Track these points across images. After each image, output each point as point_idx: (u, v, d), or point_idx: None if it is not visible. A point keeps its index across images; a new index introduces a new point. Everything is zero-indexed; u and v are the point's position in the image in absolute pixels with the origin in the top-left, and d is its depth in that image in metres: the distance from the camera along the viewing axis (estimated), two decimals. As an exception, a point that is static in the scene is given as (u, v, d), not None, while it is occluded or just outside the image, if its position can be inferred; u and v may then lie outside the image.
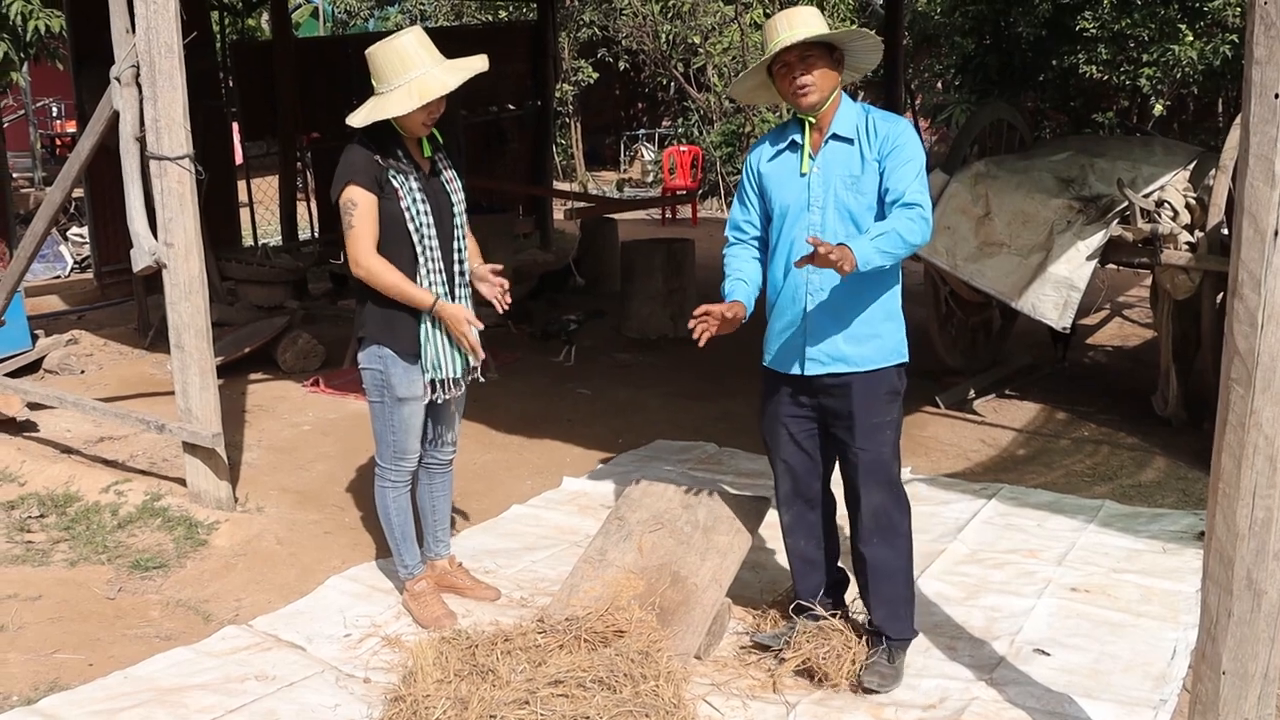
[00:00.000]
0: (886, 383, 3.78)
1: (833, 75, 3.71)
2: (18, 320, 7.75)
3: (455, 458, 4.59)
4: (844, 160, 3.70)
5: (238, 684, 3.91)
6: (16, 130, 17.14)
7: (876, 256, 3.47)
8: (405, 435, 4.24)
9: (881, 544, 3.82)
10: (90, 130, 5.64)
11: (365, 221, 4.00)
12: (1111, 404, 7.23)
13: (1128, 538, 5.11)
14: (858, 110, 3.76)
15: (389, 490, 4.34)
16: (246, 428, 6.77)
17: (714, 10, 17.93)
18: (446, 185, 4.20)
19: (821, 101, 3.70)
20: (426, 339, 4.12)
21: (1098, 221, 6.46)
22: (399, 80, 3.93)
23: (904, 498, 3.86)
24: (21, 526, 5.31)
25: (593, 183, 19.10)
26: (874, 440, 3.76)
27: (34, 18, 13.58)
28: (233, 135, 11.99)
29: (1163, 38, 12.61)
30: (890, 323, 3.77)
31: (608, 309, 9.38)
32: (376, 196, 4.01)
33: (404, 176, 4.04)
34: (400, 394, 4.16)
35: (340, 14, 23.14)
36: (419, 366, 4.14)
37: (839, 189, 3.70)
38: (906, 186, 3.58)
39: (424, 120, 4.01)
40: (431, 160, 4.17)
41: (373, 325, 4.15)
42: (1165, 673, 3.95)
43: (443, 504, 4.60)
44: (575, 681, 3.53)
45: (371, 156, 4.00)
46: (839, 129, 3.72)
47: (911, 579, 3.92)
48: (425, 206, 4.07)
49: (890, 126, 3.69)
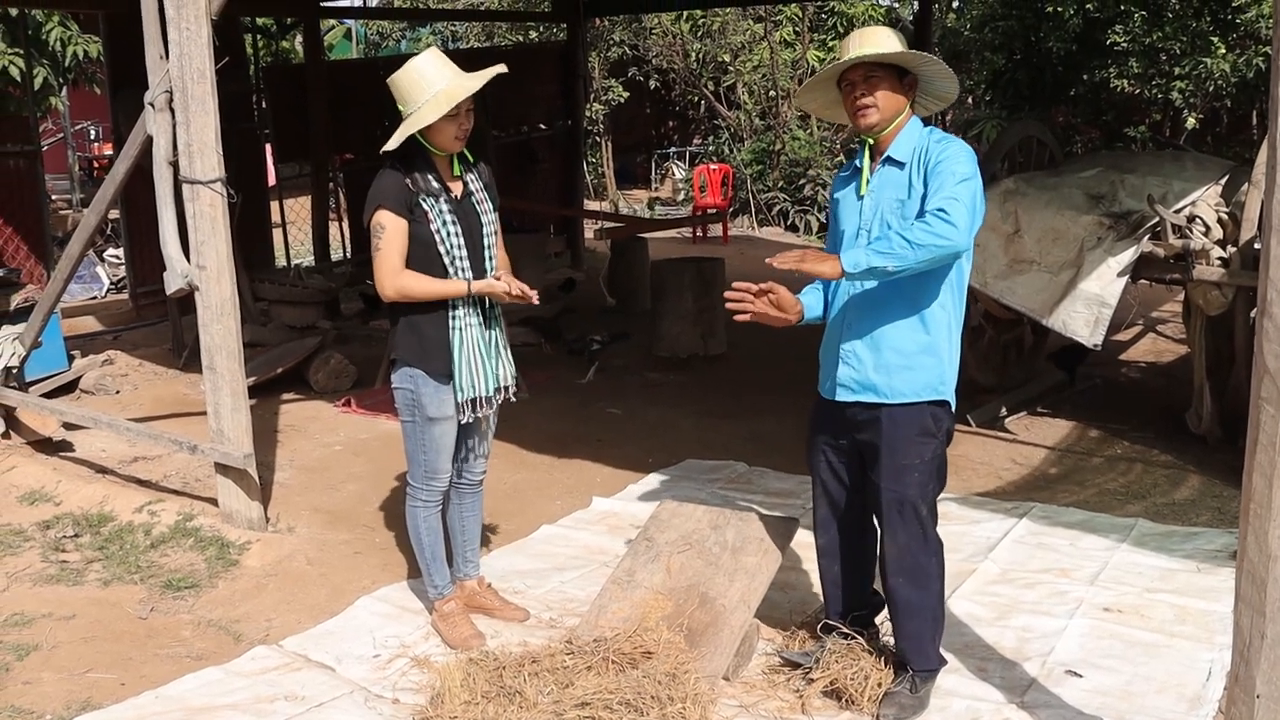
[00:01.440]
0: (917, 422, 3.66)
1: (898, 99, 3.63)
2: (54, 341, 7.82)
3: (485, 477, 4.61)
4: (894, 184, 3.65)
5: (267, 704, 3.93)
6: (55, 153, 17.34)
7: (866, 259, 3.39)
8: (436, 455, 4.26)
9: (907, 584, 3.76)
10: (125, 154, 5.71)
11: (392, 245, 4.05)
12: (1145, 421, 7.17)
13: (1162, 557, 5.06)
14: (921, 135, 3.67)
15: (420, 510, 4.35)
16: (278, 448, 6.81)
17: (743, 28, 17.95)
18: (477, 205, 4.22)
19: (882, 124, 3.64)
20: (458, 359, 4.14)
21: (1128, 238, 6.42)
22: (424, 96, 3.98)
23: (933, 539, 3.77)
24: (57, 546, 5.37)
25: (624, 201, 19.13)
26: (899, 481, 3.68)
27: (73, 43, 13.82)
28: (266, 157, 12.09)
29: (1194, 50, 12.52)
30: (928, 357, 3.65)
31: (636, 329, 9.39)
32: (406, 220, 4.05)
33: (434, 199, 4.07)
34: (431, 414, 4.18)
35: (373, 36, 23.32)
36: (450, 387, 4.16)
37: (886, 213, 3.64)
38: (940, 195, 3.46)
39: (455, 134, 4.05)
40: (463, 181, 4.20)
41: (404, 346, 4.19)
42: (1200, 695, 3.90)
43: (472, 524, 4.61)
44: (602, 703, 3.53)
45: (402, 181, 4.05)
46: (894, 152, 3.66)
47: (940, 615, 3.84)
48: (456, 228, 4.10)
49: (941, 148, 3.58)
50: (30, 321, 6.75)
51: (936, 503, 3.80)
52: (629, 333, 9.20)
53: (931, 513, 3.76)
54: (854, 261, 3.40)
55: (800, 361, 8.53)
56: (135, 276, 10.43)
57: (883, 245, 3.42)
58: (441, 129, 4.02)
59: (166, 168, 5.31)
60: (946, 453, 3.81)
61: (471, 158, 4.24)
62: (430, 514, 4.37)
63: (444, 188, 4.12)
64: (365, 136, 11.84)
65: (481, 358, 4.19)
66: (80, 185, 17.08)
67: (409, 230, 4.07)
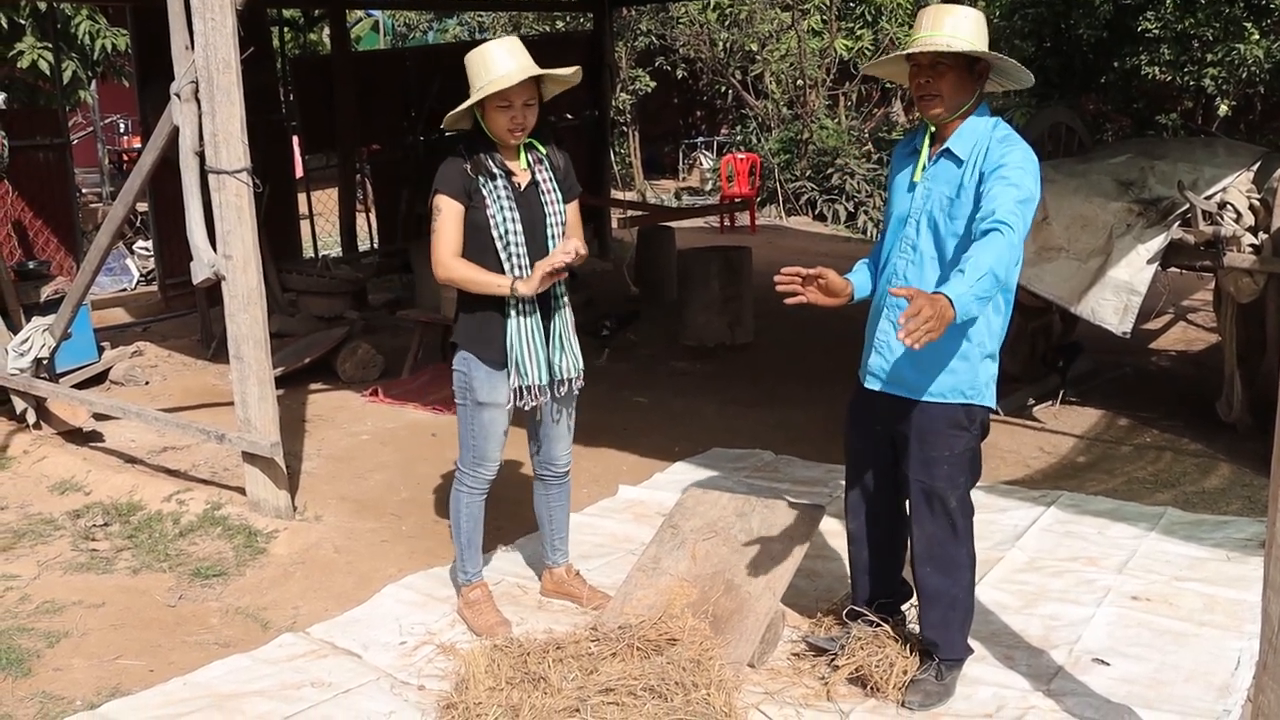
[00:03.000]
0: (949, 416, 3.61)
1: (966, 88, 3.51)
2: (84, 332, 7.90)
3: (571, 468, 4.61)
4: (948, 179, 3.54)
5: (294, 690, 3.96)
6: (85, 147, 17.45)
7: (975, 306, 3.14)
8: (484, 441, 4.28)
9: (935, 573, 3.73)
10: (152, 145, 5.74)
11: (446, 228, 4.10)
12: (1174, 409, 7.11)
13: (1191, 545, 5.02)
14: (986, 129, 3.54)
15: (463, 495, 4.39)
16: (306, 437, 6.85)
17: (771, 17, 17.87)
18: (543, 196, 4.21)
19: (946, 113, 3.53)
20: (511, 346, 4.15)
21: (1158, 224, 6.36)
22: (482, 81, 3.99)
23: (963, 531, 3.72)
24: (87, 535, 5.41)
25: (651, 191, 19.10)
26: (928, 471, 3.66)
27: (101, 37, 13.88)
28: (293, 148, 12.14)
29: (1227, 36, 12.37)
30: (965, 361, 3.57)
31: (650, 311, 9.41)
32: (463, 206, 4.09)
33: (492, 182, 4.09)
34: (480, 398, 4.22)
35: (400, 27, 23.37)
36: (504, 374, 4.18)
37: (935, 208, 3.55)
38: (998, 206, 3.26)
39: (508, 126, 4.04)
40: (531, 171, 4.20)
41: (462, 331, 4.26)
42: (1229, 683, 3.87)
43: (559, 513, 4.65)
44: (626, 689, 3.53)
45: (463, 166, 4.09)
46: (954, 145, 3.54)
47: (969, 606, 3.81)
48: (514, 215, 4.10)
49: (1004, 150, 3.44)
50: (60, 313, 6.81)
51: (969, 495, 3.75)
52: (637, 310, 9.23)
53: (962, 504, 3.71)
54: (965, 310, 3.10)
55: (827, 351, 8.57)
56: (164, 268, 10.49)
57: (982, 288, 3.13)
58: (494, 119, 4.04)
59: (193, 158, 5.33)
60: (980, 446, 3.76)
61: (542, 149, 4.23)
62: (473, 500, 4.38)
63: (505, 172, 4.13)
64: (392, 127, 11.90)
65: (538, 347, 4.19)
66: (109, 178, 17.17)
67: (466, 216, 4.10)
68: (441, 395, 7.59)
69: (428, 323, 8.35)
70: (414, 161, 11.71)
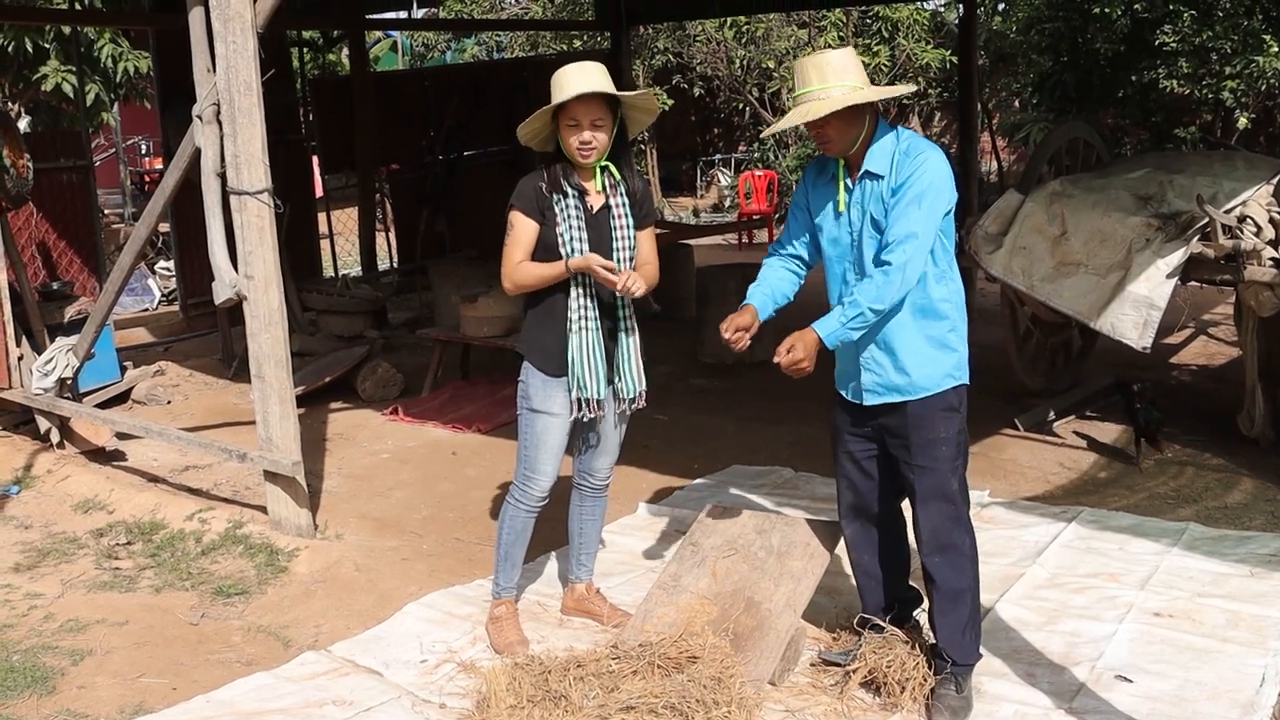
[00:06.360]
0: (944, 402, 3.77)
1: (856, 122, 3.66)
2: (107, 352, 7.95)
3: (610, 485, 4.65)
4: (875, 196, 3.71)
5: (316, 709, 3.97)
6: (107, 168, 17.60)
7: (849, 335, 3.66)
8: (535, 450, 4.31)
9: (944, 563, 3.80)
10: (174, 167, 5.80)
11: (516, 243, 4.17)
12: (1196, 424, 7.07)
13: (1213, 561, 4.99)
14: (892, 141, 3.71)
15: (509, 508, 4.42)
16: (327, 456, 6.87)
17: (788, 34, 17.91)
18: (613, 221, 4.23)
19: (845, 148, 3.71)
20: (573, 359, 4.19)
21: (1177, 239, 6.33)
22: (556, 99, 4.03)
23: (964, 517, 3.83)
24: (109, 554, 5.45)
25: (669, 209, 19.13)
26: (930, 456, 3.76)
27: (124, 59, 14.01)
28: (313, 168, 12.21)
29: (1246, 49, 12.35)
30: (942, 351, 3.76)
31: (669, 328, 9.49)
32: (536, 223, 4.15)
33: (566, 204, 4.14)
34: (534, 405, 4.27)
35: (419, 47, 23.49)
36: (561, 382, 4.22)
37: (869, 227, 3.72)
38: (893, 237, 3.59)
39: (576, 144, 4.08)
40: (605, 194, 4.23)
41: (524, 340, 4.34)
42: (1253, 701, 3.85)
43: (590, 529, 4.66)
44: (647, 707, 3.54)
45: (538, 183, 4.15)
46: (871, 165, 3.71)
47: (977, 602, 3.87)
48: (582, 235, 4.14)
49: (910, 162, 3.64)
50: (83, 333, 6.87)
51: (965, 480, 3.86)
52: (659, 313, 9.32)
53: (962, 489, 3.84)
54: (834, 341, 3.66)
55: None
56: (185, 288, 10.57)
57: (855, 319, 3.62)
58: (565, 137, 4.09)
59: (214, 179, 5.38)
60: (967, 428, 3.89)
61: (618, 175, 4.25)
62: (518, 514, 4.39)
63: (579, 191, 4.17)
64: (411, 147, 11.96)
65: (599, 361, 4.22)
66: (132, 199, 17.31)
67: (539, 234, 4.15)
68: (461, 414, 7.61)
69: (447, 341, 8.38)
70: (433, 180, 11.77)
